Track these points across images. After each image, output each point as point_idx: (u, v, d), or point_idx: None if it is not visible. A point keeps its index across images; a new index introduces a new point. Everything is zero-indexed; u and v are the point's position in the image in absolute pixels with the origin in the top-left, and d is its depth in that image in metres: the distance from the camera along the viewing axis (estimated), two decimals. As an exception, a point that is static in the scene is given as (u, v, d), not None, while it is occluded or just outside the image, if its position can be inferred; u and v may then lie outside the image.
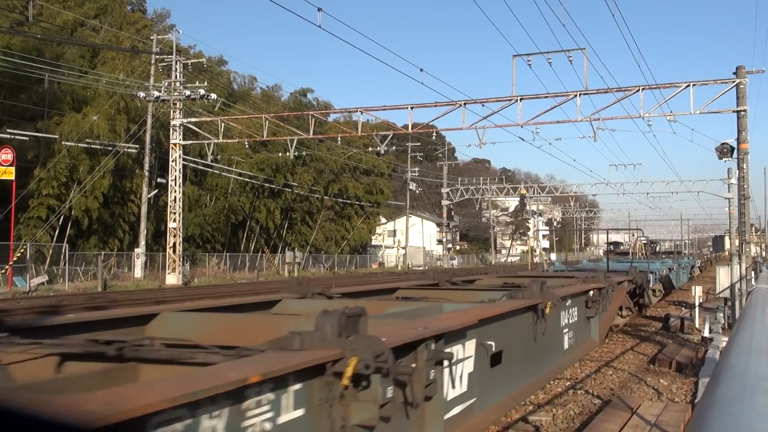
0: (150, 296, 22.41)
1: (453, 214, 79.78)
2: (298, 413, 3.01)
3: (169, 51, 34.01)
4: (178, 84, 32.63)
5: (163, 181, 34.96)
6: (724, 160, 21.36)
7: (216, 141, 31.01)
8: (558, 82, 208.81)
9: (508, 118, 27.35)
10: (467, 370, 4.94)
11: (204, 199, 42.78)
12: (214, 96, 33.73)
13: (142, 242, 35.20)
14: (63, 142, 31.44)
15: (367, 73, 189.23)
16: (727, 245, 38.61)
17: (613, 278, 11.27)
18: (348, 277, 40.46)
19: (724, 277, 15.47)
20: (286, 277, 42.50)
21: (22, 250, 28.15)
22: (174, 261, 32.21)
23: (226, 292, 23.80)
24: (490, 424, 5.91)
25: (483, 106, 25.53)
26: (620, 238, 62.69)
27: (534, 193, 63.26)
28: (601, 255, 63.38)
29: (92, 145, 32.48)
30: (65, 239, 32.51)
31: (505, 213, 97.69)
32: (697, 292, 15.47)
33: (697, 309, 15.23)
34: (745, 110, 20.82)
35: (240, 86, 52.03)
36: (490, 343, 5.24)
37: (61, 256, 30.74)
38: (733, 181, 23.06)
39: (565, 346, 8.27)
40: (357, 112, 27.94)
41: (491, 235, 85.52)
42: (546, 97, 24.81)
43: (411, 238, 68.53)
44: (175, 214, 32.53)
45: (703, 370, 9.19)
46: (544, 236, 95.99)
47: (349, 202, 55.11)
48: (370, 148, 43.93)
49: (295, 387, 2.99)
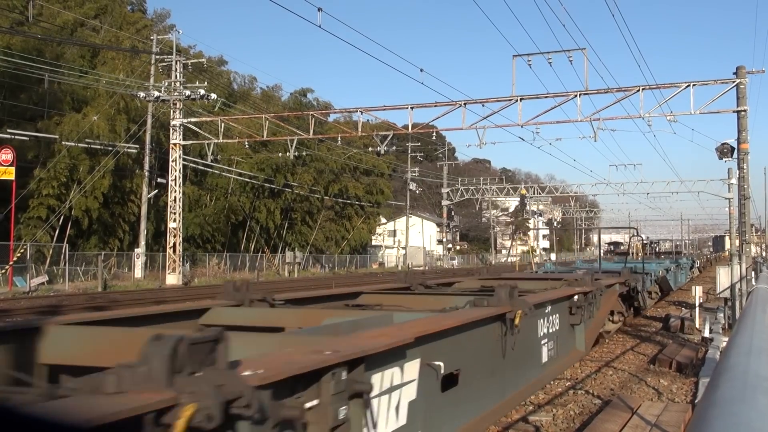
0: (150, 296, 22.43)
1: (453, 214, 79.81)
2: None
3: (169, 51, 34.01)
4: (178, 84, 32.64)
5: (163, 181, 34.96)
6: (725, 160, 21.39)
7: (216, 141, 31.01)
8: (558, 82, 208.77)
9: (508, 118, 27.38)
10: (407, 398, 4.06)
11: (204, 199, 42.79)
12: (214, 96, 33.75)
13: (142, 242, 35.20)
14: (63, 142, 31.45)
15: (367, 73, 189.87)
16: (728, 245, 38.61)
17: (603, 281, 10.61)
18: (348, 277, 40.47)
19: (724, 278, 15.45)
20: (287, 277, 42.56)
21: (22, 250, 28.15)
22: (174, 261, 32.21)
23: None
24: None
25: (483, 106, 25.56)
26: (620, 238, 62.76)
27: (534, 194, 63.34)
28: (601, 254, 63.36)
29: (92, 145, 32.49)
30: (65, 239, 32.50)
31: (506, 213, 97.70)
32: (698, 292, 15.47)
33: (698, 309, 15.23)
34: (745, 110, 20.83)
35: (240, 86, 52.10)
36: (438, 363, 4.40)
37: (61, 257, 30.73)
38: (734, 181, 23.11)
39: (544, 359, 7.40)
40: (357, 112, 27.96)
41: (491, 235, 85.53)
42: (546, 97, 24.83)
43: (411, 238, 68.56)
44: (175, 214, 32.53)
45: (703, 370, 9.18)
46: (544, 236, 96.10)
47: (349, 202, 55.11)
48: (370, 148, 43.99)
49: None
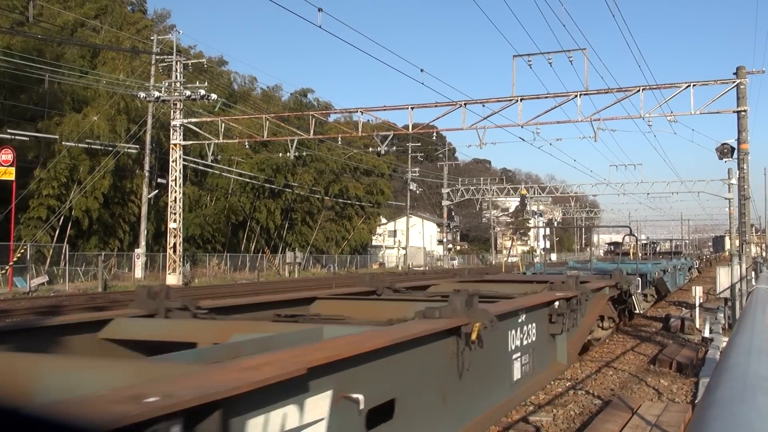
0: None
1: (453, 214, 79.79)
2: None
3: (170, 51, 34.02)
4: (178, 84, 32.65)
5: (164, 182, 34.97)
6: (725, 160, 21.39)
7: (216, 141, 31.00)
8: (558, 83, 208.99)
9: (508, 119, 27.38)
10: None
11: (204, 200, 42.79)
12: (214, 96, 33.75)
13: (143, 242, 35.21)
14: (63, 143, 31.45)
15: (368, 74, 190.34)
16: (728, 245, 38.64)
17: (590, 284, 9.65)
18: (347, 278, 40.43)
19: (724, 278, 15.46)
20: (287, 277, 42.54)
21: (23, 251, 28.15)
22: (174, 261, 32.22)
23: (225, 293, 23.78)
24: None
25: (483, 106, 25.55)
26: (620, 238, 62.64)
27: (534, 194, 63.35)
28: (601, 255, 63.43)
29: (92, 146, 32.49)
30: (65, 239, 32.49)
31: (506, 213, 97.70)
32: (698, 292, 15.47)
33: (698, 309, 15.23)
34: (745, 110, 20.84)
35: (240, 86, 52.06)
36: (357, 396, 3.50)
37: (62, 257, 30.73)
38: (734, 181, 23.11)
39: (516, 377, 6.40)
40: (357, 112, 27.96)
41: (491, 235, 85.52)
42: (546, 98, 24.81)
43: (411, 239, 68.57)
44: (175, 214, 32.53)
45: (703, 370, 9.18)
46: (544, 236, 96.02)
47: (349, 202, 55.11)
48: (371, 149, 43.97)
49: None
